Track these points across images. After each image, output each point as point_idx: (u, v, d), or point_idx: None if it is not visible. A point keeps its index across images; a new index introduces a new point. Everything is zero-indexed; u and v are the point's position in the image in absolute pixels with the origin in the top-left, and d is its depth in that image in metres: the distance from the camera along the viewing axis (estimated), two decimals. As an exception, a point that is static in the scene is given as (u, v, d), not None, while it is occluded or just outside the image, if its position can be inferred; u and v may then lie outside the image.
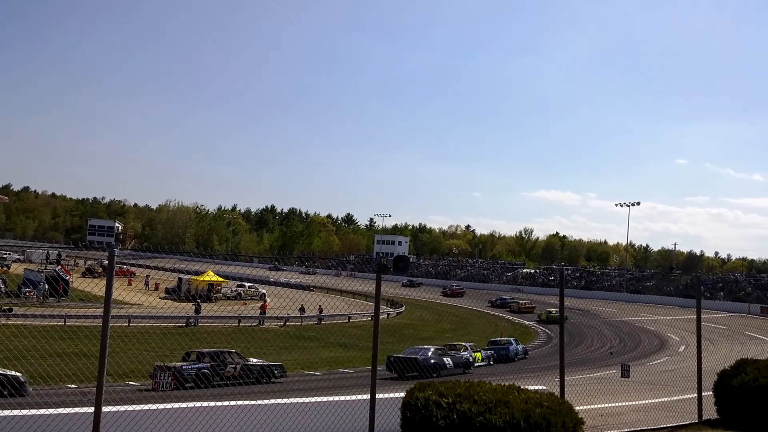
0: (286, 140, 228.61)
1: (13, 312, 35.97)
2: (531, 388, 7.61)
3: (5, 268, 64.26)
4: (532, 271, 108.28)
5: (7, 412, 7.12)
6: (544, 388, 9.13)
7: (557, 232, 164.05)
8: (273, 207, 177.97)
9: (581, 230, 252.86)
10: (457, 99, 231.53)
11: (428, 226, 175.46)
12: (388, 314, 51.03)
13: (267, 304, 48.75)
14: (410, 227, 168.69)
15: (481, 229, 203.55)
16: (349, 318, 48.08)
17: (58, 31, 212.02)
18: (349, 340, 37.14)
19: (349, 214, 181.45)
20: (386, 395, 8.80)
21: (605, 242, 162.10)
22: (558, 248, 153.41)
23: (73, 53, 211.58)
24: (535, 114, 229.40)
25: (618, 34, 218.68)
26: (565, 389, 8.74)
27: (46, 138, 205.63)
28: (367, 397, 8.61)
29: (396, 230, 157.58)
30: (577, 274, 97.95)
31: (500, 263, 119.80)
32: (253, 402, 8.44)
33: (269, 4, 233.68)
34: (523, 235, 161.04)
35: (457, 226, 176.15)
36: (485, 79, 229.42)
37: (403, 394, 6.95)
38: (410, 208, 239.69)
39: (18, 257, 78.27)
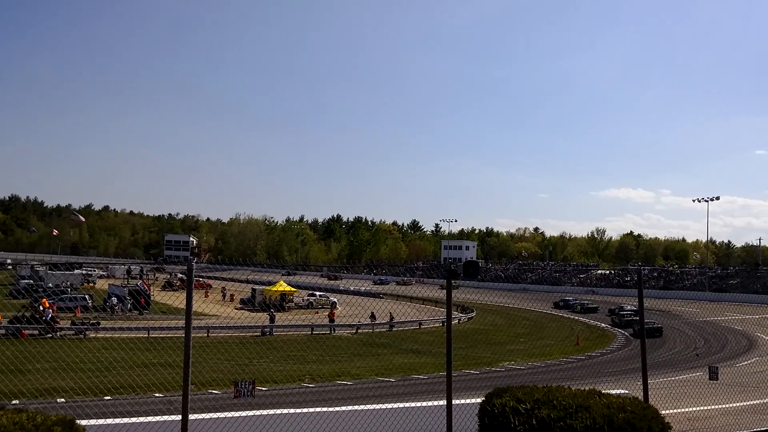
0: (350, 151, 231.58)
1: (100, 325, 37.90)
2: (612, 392, 7.39)
3: (91, 284, 67.63)
4: (607, 272, 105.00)
5: (101, 421, 7.51)
6: (626, 392, 8.86)
7: (631, 231, 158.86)
8: (339, 216, 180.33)
9: (656, 228, 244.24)
10: (517, 102, 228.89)
11: (495, 229, 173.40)
12: (459, 320, 50.63)
13: (335, 312, 49.35)
14: (477, 231, 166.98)
15: (550, 230, 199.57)
16: (420, 324, 48.00)
17: (129, 58, 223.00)
18: (421, 346, 37.09)
19: (414, 220, 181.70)
20: (462, 401, 8.75)
21: (683, 240, 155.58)
22: (633, 248, 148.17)
23: (141, 80, 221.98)
24: (598, 112, 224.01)
25: (682, 26, 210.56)
26: (649, 393, 8.44)
27: (123, 159, 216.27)
28: (442, 403, 8.60)
29: (462, 235, 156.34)
30: (655, 274, 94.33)
31: (572, 265, 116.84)
32: (330, 408, 8.57)
33: (336, 23, 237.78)
34: (595, 236, 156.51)
35: (525, 228, 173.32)
36: (543, 80, 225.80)
37: (479, 400, 6.89)
38: (476, 212, 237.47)
39: (102, 273, 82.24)
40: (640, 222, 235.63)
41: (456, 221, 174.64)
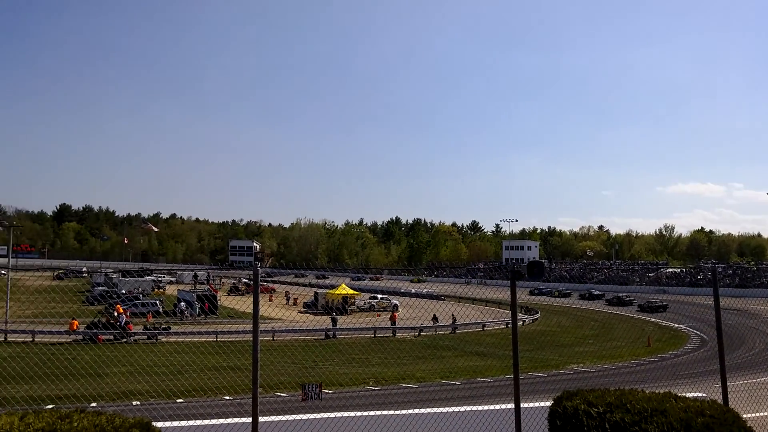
0: (407, 152, 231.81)
1: (171, 330, 39.23)
2: (689, 395, 7.08)
3: (161, 290, 70.06)
4: (677, 270, 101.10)
5: (175, 423, 7.74)
6: (704, 395, 8.47)
7: (702, 227, 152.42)
8: (398, 219, 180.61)
9: (729, 224, 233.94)
10: (578, 96, 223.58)
11: (557, 228, 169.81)
12: (524, 321, 49.82)
13: (396, 314, 49.42)
14: (538, 231, 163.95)
15: (616, 228, 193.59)
16: (484, 326, 47.48)
17: (191, 63, 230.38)
18: (485, 348, 36.68)
19: (474, 221, 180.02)
20: (530, 404, 8.57)
21: (759, 235, 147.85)
22: (705, 244, 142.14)
23: (202, 87, 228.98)
24: (663, 104, 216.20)
25: (746, 16, 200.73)
26: (729, 396, 8.05)
27: (189, 168, 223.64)
28: (509, 406, 8.45)
29: (524, 235, 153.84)
30: (730, 272, 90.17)
31: (640, 263, 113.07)
32: (396, 411, 8.56)
33: (387, 20, 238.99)
34: (664, 233, 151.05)
35: (589, 227, 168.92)
36: (605, 72, 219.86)
37: (546, 404, 6.73)
38: (537, 211, 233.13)
39: (171, 279, 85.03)
40: (712, 217, 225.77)
41: (517, 221, 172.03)
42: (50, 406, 16.25)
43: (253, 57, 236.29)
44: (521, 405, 7.25)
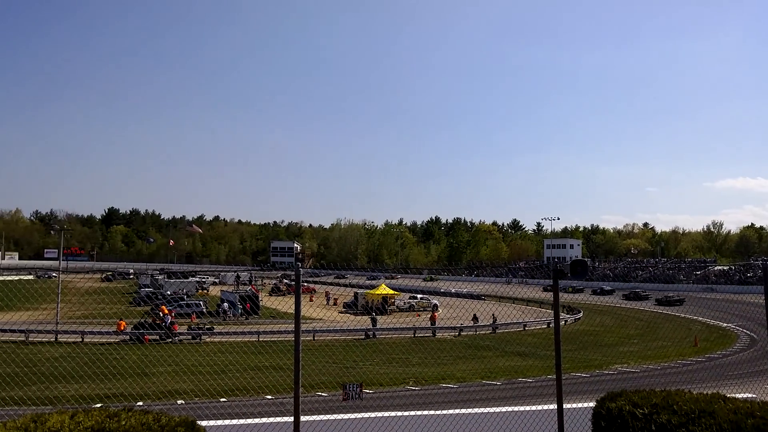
0: (446, 151, 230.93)
1: (214, 330, 39.93)
2: (738, 396, 6.87)
3: (205, 291, 71.36)
4: (726, 268, 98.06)
5: (219, 422, 7.88)
6: (754, 396, 8.20)
7: (752, 224, 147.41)
8: (438, 218, 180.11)
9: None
10: (619, 91, 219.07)
11: (601, 226, 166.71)
12: (566, 321, 49.07)
13: (437, 314, 49.25)
14: (581, 229, 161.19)
15: (661, 226, 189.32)
16: (525, 326, 46.97)
17: (223, 63, 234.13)
18: (526, 348, 36.27)
19: (515, 220, 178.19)
20: (572, 405, 8.44)
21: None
22: (755, 241, 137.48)
23: (241, 89, 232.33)
24: (708, 98, 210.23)
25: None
26: (781, 398, 7.77)
27: (230, 171, 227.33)
28: (551, 407, 8.34)
29: (566, 233, 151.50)
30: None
31: (687, 261, 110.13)
32: (437, 412, 8.53)
33: (430, 19, 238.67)
34: (712, 230, 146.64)
35: (634, 224, 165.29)
36: (647, 65, 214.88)
37: (589, 404, 6.62)
38: (579, 209, 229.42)
39: (214, 280, 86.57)
40: (762, 213, 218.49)
41: (558, 219, 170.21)
42: (98, 405, 16.75)
43: (291, 56, 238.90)
44: (564, 405, 7.15)
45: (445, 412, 8.54)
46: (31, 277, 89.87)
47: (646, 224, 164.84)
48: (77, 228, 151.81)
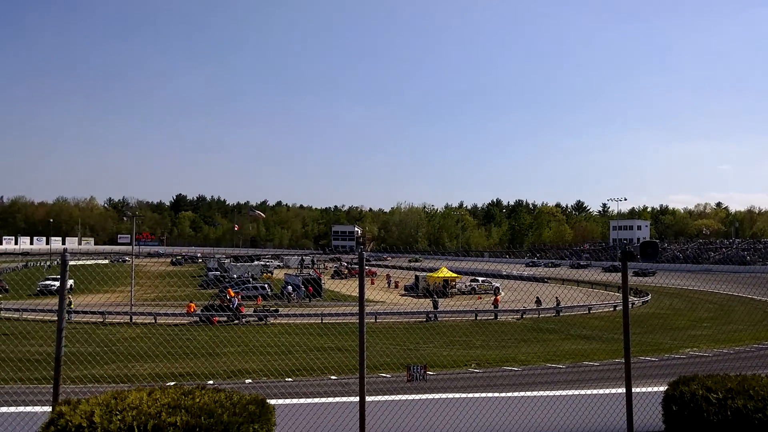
0: (507, 132, 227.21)
1: (279, 312, 40.88)
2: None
3: (270, 274, 73.06)
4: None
5: (287, 401, 8.09)
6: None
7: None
8: (499, 201, 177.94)
9: None
10: (687, 66, 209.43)
11: (670, 206, 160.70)
12: (633, 304, 47.73)
13: (499, 297, 48.80)
14: (649, 210, 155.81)
15: (735, 205, 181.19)
16: (590, 309, 45.98)
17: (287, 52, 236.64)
18: (591, 331, 35.54)
19: (579, 201, 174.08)
20: (641, 389, 8.24)
21: None
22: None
23: (301, 75, 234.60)
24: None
25: None
26: None
27: (291, 157, 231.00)
28: (618, 390, 8.17)
29: (633, 214, 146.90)
30: None
31: (763, 242, 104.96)
32: (500, 394, 8.49)
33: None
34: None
35: (706, 204, 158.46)
36: (717, 40, 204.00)
37: (658, 389, 6.45)
38: (647, 189, 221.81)
39: (278, 264, 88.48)
40: None
41: (625, 200, 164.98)
42: (172, 383, 17.48)
43: (352, 42, 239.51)
44: (632, 389, 6.99)
45: (508, 394, 8.48)
46: (106, 261, 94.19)
47: (719, 204, 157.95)
48: (148, 214, 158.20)
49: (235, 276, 61.64)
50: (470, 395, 8.23)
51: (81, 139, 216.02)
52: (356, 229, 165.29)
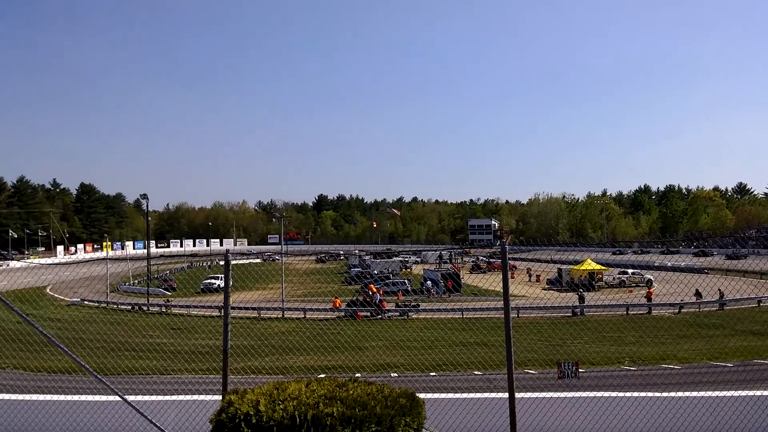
0: (652, 112, 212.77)
1: (420, 307, 41.36)
2: None
3: (408, 270, 74.12)
4: None
5: (436, 395, 8.12)
6: None
7: None
8: (647, 187, 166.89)
9: None
10: None
11: None
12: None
13: (652, 290, 45.76)
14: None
15: None
16: (759, 302, 41.78)
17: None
18: (762, 326, 32.29)
19: (741, 183, 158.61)
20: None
21: None
22: None
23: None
24: None
25: None
26: None
27: (423, 153, 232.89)
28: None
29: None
30: None
31: None
32: (660, 394, 7.94)
33: None
34: None
35: None
36: None
37: None
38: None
39: (416, 259, 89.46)
40: None
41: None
42: (323, 375, 18.27)
43: (489, 33, 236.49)
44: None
45: (669, 394, 7.91)
46: (258, 260, 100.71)
47: None
48: (293, 215, 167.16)
49: (375, 272, 63.24)
50: (626, 394, 7.78)
51: (232, 149, 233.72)
52: (493, 222, 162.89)
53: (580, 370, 7.79)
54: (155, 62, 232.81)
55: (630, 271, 56.31)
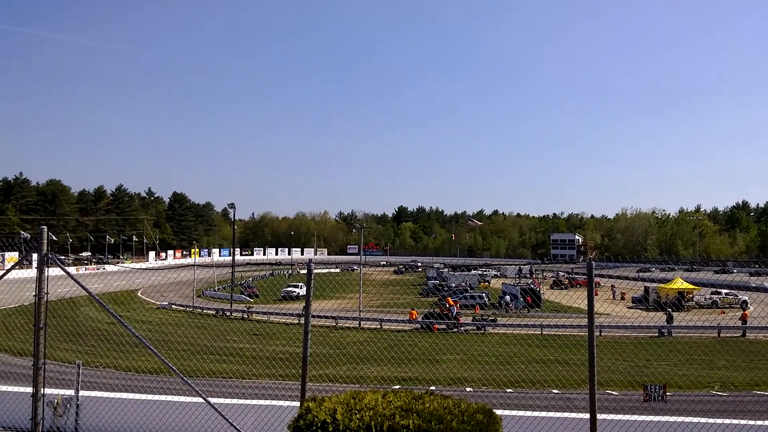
0: (755, 122, 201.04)
1: (497, 322, 40.68)
2: None
3: (487, 284, 73.12)
4: None
5: (513, 413, 7.99)
6: None
7: None
8: (745, 203, 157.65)
9: None
10: None
11: None
12: None
13: (747, 312, 42.98)
14: None
15: None
16: None
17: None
18: None
19: None
20: None
21: None
22: None
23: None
24: None
25: None
26: None
27: (509, 164, 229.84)
28: None
29: None
30: None
31: None
32: (754, 422, 7.49)
33: None
34: None
35: None
36: None
37: None
38: None
39: (495, 273, 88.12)
40: None
41: None
42: (397, 387, 18.33)
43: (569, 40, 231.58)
44: None
45: (764, 422, 7.45)
46: (337, 270, 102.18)
47: None
48: (373, 226, 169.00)
49: (453, 285, 62.78)
50: (716, 420, 7.39)
51: (314, 160, 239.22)
52: (577, 237, 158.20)
53: (667, 393, 7.48)
54: (247, 76, 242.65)
55: (723, 291, 53.21)
